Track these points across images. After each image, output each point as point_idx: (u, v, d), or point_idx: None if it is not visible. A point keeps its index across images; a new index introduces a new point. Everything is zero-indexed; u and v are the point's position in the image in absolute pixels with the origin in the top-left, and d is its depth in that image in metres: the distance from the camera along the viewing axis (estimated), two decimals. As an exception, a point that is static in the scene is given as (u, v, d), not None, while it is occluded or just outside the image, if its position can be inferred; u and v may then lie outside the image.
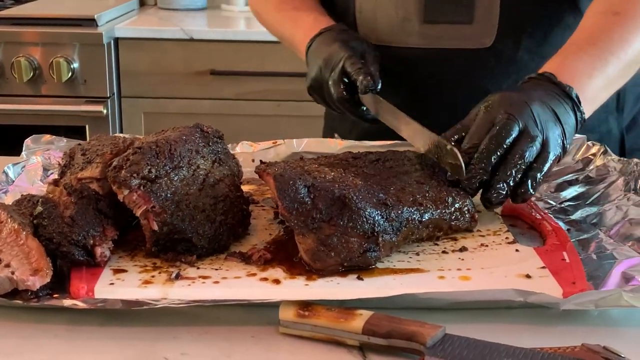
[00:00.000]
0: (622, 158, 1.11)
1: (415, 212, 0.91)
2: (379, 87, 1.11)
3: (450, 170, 0.95)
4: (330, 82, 1.16)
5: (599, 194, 1.06)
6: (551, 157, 0.96)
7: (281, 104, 2.60)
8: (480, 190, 0.96)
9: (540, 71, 1.04)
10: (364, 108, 1.15)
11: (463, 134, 0.99)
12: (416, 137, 1.03)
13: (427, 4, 1.23)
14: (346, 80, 1.14)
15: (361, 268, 0.86)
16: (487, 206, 0.96)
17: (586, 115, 1.03)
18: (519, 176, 0.94)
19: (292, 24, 1.32)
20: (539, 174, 0.95)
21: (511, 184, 0.93)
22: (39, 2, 2.92)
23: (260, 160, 1.02)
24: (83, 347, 0.75)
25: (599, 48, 1.06)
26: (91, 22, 2.50)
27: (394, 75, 1.21)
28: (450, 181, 0.97)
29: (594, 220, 1.00)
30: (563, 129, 0.99)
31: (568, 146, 1.00)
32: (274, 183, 0.89)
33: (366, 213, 0.87)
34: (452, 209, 0.94)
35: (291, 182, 0.88)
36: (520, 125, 0.95)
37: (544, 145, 0.96)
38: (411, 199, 0.92)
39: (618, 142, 1.33)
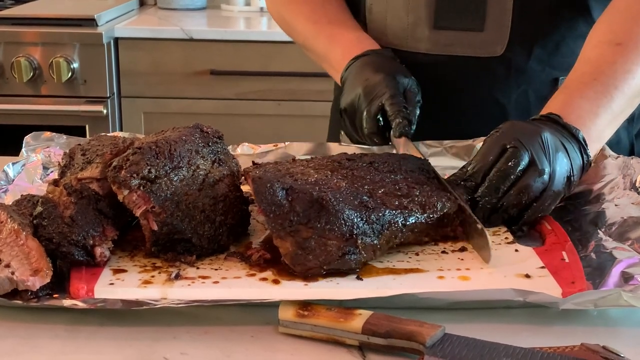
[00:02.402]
0: (621, 156, 1.11)
1: (399, 215, 0.90)
2: (412, 132, 1.09)
3: (473, 247, 0.92)
4: (365, 114, 1.11)
5: (598, 192, 1.06)
6: (554, 195, 0.96)
7: (281, 104, 2.60)
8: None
9: (545, 111, 1.03)
10: (391, 145, 1.12)
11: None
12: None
13: (438, 10, 1.21)
14: (381, 115, 1.10)
15: (344, 271, 0.86)
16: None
17: (592, 157, 1.02)
18: (520, 207, 0.95)
19: (328, 39, 1.26)
20: (538, 215, 0.97)
21: (508, 215, 0.96)
22: (39, 2, 2.92)
23: (253, 162, 1.01)
24: (83, 347, 0.76)
25: (603, 83, 1.04)
26: (91, 22, 2.50)
27: None
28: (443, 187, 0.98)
29: (594, 219, 1.00)
30: (571, 165, 0.98)
31: (574, 184, 1.00)
32: (252, 185, 0.89)
33: (344, 215, 0.86)
34: (441, 215, 0.93)
35: (269, 185, 0.87)
36: (529, 156, 0.95)
37: (550, 181, 0.96)
38: (396, 202, 0.91)
39: (627, 151, 1.32)
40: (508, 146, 0.96)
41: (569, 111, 1.02)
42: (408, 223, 0.90)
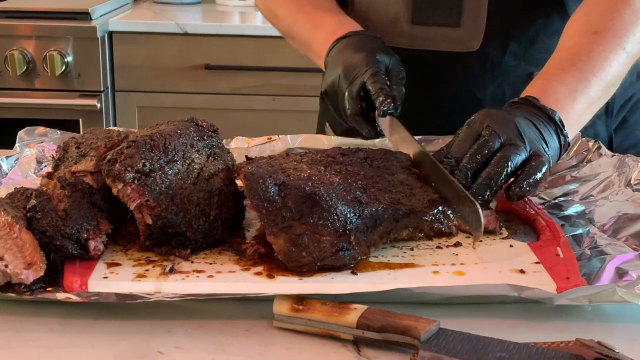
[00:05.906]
0: (616, 154, 1.11)
1: (392, 211, 0.89)
2: (399, 111, 1.03)
3: (468, 220, 0.88)
4: (346, 95, 1.06)
5: (593, 189, 1.06)
6: (544, 161, 0.94)
7: (276, 99, 2.60)
8: None
9: (522, 95, 1.03)
10: (377, 127, 1.07)
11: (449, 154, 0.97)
12: (432, 174, 0.95)
13: (416, 6, 1.23)
14: (363, 95, 1.05)
15: (338, 267, 0.85)
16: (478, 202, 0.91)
17: (570, 139, 1.02)
18: (503, 176, 0.91)
19: (311, 25, 1.23)
20: (532, 177, 0.92)
21: (495, 183, 0.91)
22: (33, -5, 2.91)
23: (246, 156, 1.01)
24: (76, 341, 0.75)
25: (580, 70, 1.05)
26: (85, 15, 2.49)
27: None
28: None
29: (588, 216, 1.00)
30: (547, 148, 0.97)
31: (553, 165, 0.99)
32: (244, 181, 0.89)
33: (337, 210, 0.86)
34: (435, 211, 0.93)
35: (261, 181, 0.87)
36: (502, 139, 0.94)
37: (533, 154, 0.94)
38: (390, 198, 0.90)
39: (606, 144, 1.33)
40: (482, 133, 0.95)
41: (547, 95, 1.02)
42: (401, 219, 0.90)
